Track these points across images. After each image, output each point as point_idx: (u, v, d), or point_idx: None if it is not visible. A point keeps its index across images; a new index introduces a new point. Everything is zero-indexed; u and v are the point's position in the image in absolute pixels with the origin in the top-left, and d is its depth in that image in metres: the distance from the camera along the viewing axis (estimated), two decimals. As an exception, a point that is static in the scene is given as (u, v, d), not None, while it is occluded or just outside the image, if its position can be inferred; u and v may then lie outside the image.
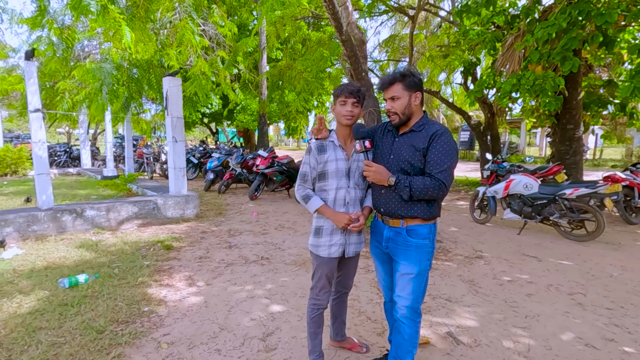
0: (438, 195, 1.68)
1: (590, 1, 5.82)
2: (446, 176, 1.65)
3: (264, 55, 12.22)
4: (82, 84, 8.37)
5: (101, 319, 2.62)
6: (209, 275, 3.58)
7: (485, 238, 5.08)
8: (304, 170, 1.95)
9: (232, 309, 2.88)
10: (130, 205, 5.40)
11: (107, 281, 3.28)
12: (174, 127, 5.96)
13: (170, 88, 5.86)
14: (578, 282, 3.49)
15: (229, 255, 4.20)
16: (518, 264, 4.03)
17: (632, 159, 17.02)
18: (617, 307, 2.97)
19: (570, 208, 4.88)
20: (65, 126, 27.54)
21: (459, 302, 3.03)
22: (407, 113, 1.75)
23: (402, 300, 1.79)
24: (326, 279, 2.00)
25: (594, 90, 8.31)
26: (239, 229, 5.37)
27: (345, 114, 1.86)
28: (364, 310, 2.87)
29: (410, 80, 1.73)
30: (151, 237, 4.83)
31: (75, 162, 14.02)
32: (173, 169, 6.10)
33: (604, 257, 4.26)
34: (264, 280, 3.45)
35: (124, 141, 10.01)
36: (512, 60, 6.94)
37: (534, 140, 33.76)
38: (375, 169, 1.73)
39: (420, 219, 1.76)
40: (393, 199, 1.78)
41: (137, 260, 3.86)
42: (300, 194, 1.95)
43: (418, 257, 1.76)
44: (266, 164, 7.63)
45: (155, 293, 3.13)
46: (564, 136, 7.37)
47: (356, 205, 1.95)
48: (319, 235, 1.96)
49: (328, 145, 1.92)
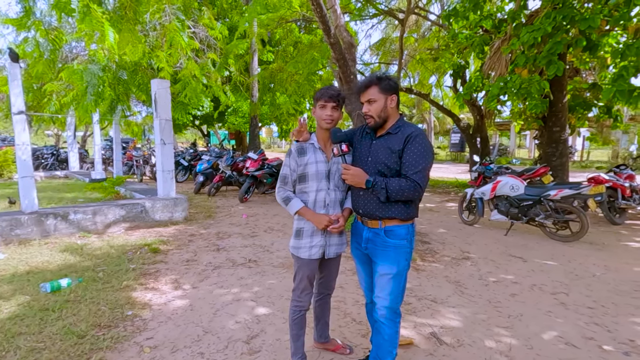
0: (414, 196, 1.70)
1: (574, 6, 5.95)
2: (421, 177, 1.67)
3: (255, 57, 12.21)
4: (70, 85, 8.28)
5: (83, 323, 2.58)
6: (196, 278, 3.56)
7: (473, 239, 5.13)
8: (284, 172, 1.95)
9: (218, 312, 2.87)
10: (117, 208, 5.34)
11: (90, 285, 3.24)
12: (162, 129, 5.92)
13: (159, 90, 5.82)
14: (562, 282, 3.54)
15: (217, 258, 4.17)
16: (504, 264, 4.07)
17: (617, 161, 17.35)
18: (599, 306, 3.02)
19: (555, 209, 4.96)
20: (54, 128, 27.20)
21: (444, 302, 3.06)
22: (383, 116, 1.77)
23: (381, 301, 1.80)
24: (307, 280, 2.00)
25: (579, 93, 8.47)
26: (228, 232, 5.34)
27: (325, 118, 1.88)
28: (350, 312, 2.88)
29: (386, 84, 1.75)
30: (138, 240, 4.78)
31: (63, 164, 13.82)
32: (161, 171, 6.05)
33: (588, 257, 4.33)
34: (251, 283, 3.44)
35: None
36: (499, 64, 7.03)
37: (524, 143, 34.26)
38: (353, 172, 1.75)
39: (398, 219, 1.78)
40: (371, 201, 1.79)
41: (123, 264, 3.81)
42: (280, 196, 1.96)
43: (396, 258, 1.78)
44: (256, 166, 7.62)
45: (140, 297, 3.10)
46: (550, 138, 7.49)
47: (336, 206, 1.96)
48: (300, 236, 1.97)
49: (308, 147, 1.93)
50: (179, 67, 7.64)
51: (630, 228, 5.85)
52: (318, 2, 4.55)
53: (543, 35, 5.94)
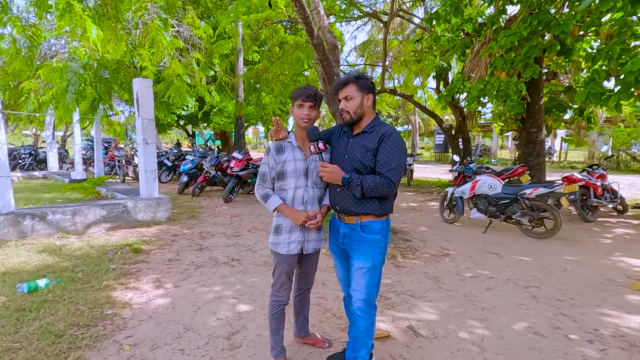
0: (387, 192, 1.77)
1: (548, 12, 6.18)
2: (394, 174, 1.75)
3: (241, 57, 12.17)
4: (49, 84, 8.09)
5: (61, 323, 2.56)
6: (178, 277, 3.55)
7: (453, 237, 5.27)
8: (263, 170, 2.00)
9: (199, 309, 2.88)
10: (98, 208, 5.26)
11: (69, 285, 3.20)
12: (144, 129, 5.86)
13: (141, 89, 5.76)
14: (535, 277, 3.69)
15: (199, 257, 4.17)
16: (481, 260, 4.21)
17: (594, 161, 18.00)
18: (567, 299, 3.17)
19: (531, 207, 5.14)
20: (32, 128, 26.39)
21: (422, 297, 3.15)
22: (359, 113, 1.84)
23: (357, 294, 1.87)
24: (286, 275, 2.05)
25: (555, 96, 8.78)
26: (212, 232, 5.33)
27: (303, 117, 1.93)
28: (330, 307, 2.93)
29: (363, 82, 1.83)
30: (120, 240, 4.73)
31: (42, 165, 13.45)
32: (144, 171, 5.99)
33: (561, 253, 4.51)
34: (233, 281, 3.46)
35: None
36: (479, 66, 7.24)
37: (506, 144, 35.10)
38: (330, 169, 1.81)
39: (373, 215, 1.84)
40: (347, 197, 1.86)
41: (103, 264, 3.77)
42: (259, 193, 2.00)
43: (371, 252, 1.85)
44: (241, 166, 7.61)
45: (120, 296, 3.08)
46: (527, 139, 7.74)
47: (314, 203, 2.01)
48: (279, 232, 2.01)
49: (286, 145, 1.98)
50: (163, 66, 7.56)
51: (602, 225, 6.11)
52: (301, 4, 4.60)
53: (520, 39, 6.16)
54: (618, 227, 6.02)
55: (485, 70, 7.17)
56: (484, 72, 7.21)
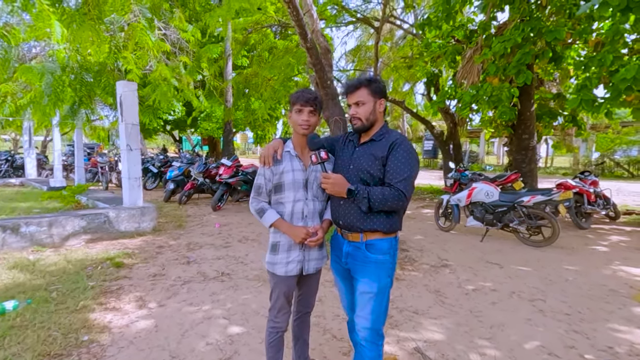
0: (398, 205, 1.59)
1: (540, 19, 6.19)
2: (406, 185, 1.57)
3: (230, 62, 11.95)
4: (29, 86, 7.70)
5: (29, 353, 2.28)
6: (163, 295, 3.29)
7: (450, 246, 5.13)
8: (259, 182, 1.80)
9: (186, 332, 2.63)
10: (77, 219, 4.94)
11: (41, 307, 2.90)
12: (128, 134, 5.57)
13: (125, 93, 5.48)
14: (538, 288, 3.57)
15: (187, 271, 3.91)
16: (482, 271, 4.07)
17: (579, 167, 18.33)
18: (575, 312, 3.04)
19: (528, 215, 5.06)
20: (11, 132, 25.46)
21: (426, 314, 2.97)
22: (371, 119, 1.67)
23: (362, 321, 1.67)
24: (285, 299, 1.84)
25: (545, 103, 8.84)
26: (199, 242, 5.07)
27: (301, 124, 1.74)
28: (330, 327, 2.73)
29: (376, 86, 1.66)
30: (100, 253, 4.42)
31: (19, 172, 12.86)
32: (127, 178, 5.69)
33: (560, 262, 4.42)
34: (224, 299, 3.22)
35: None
36: (471, 73, 7.20)
37: (492, 149, 35.64)
38: (334, 179, 1.61)
39: (380, 232, 1.66)
40: (352, 211, 1.67)
41: (81, 281, 3.48)
42: (254, 207, 1.80)
43: (377, 274, 1.66)
44: (230, 173, 7.35)
45: (99, 318, 2.81)
46: (519, 146, 7.73)
47: (315, 218, 1.82)
48: (276, 251, 1.81)
49: (284, 155, 1.79)
50: (149, 69, 7.29)
51: (596, 232, 6.08)
52: (295, 6, 4.45)
53: (512, 46, 6.14)
54: (612, 234, 6.00)
55: (478, 76, 7.14)
56: (476, 78, 7.18)
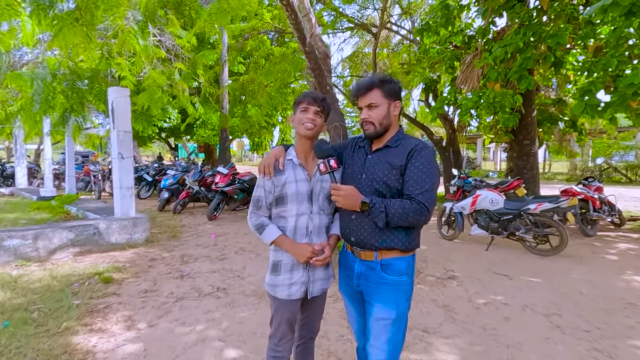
0: (419, 220, 1.42)
1: (541, 24, 6.11)
2: (428, 198, 1.40)
3: (226, 68, 11.81)
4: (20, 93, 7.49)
5: (1, 385, 2.06)
6: (154, 313, 3.07)
7: (454, 256, 4.95)
8: (258, 194, 1.61)
9: (178, 357, 2.41)
10: (64, 230, 4.70)
11: (19, 330, 2.67)
12: (120, 142, 5.37)
13: (117, 99, 5.30)
14: (552, 302, 3.38)
15: (180, 287, 3.69)
16: (490, 283, 3.88)
17: (576, 172, 18.29)
18: (594, 329, 2.86)
19: (535, 223, 4.89)
20: (5, 141, 25.12)
21: (437, 332, 2.77)
22: (385, 124, 1.50)
23: (377, 352, 1.47)
24: (287, 325, 1.64)
25: (545, 108, 8.75)
26: (194, 255, 4.84)
27: (306, 121, 1.57)
28: (334, 350, 2.52)
29: (390, 87, 1.49)
30: (88, 268, 4.19)
31: (9, 181, 12.54)
32: (119, 188, 5.47)
33: (570, 273, 4.24)
34: (219, 318, 3.00)
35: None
36: (471, 78, 7.10)
37: (488, 155, 35.72)
38: (345, 192, 1.43)
39: (398, 250, 1.48)
40: (365, 227, 1.49)
41: (65, 299, 3.24)
42: (253, 223, 1.61)
43: (395, 298, 1.47)
44: (226, 181, 7.15)
45: (83, 342, 2.58)
46: (521, 152, 7.62)
47: (321, 233, 1.63)
48: (277, 272, 1.62)
49: (286, 163, 1.60)
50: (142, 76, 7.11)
51: (602, 240, 5.93)
52: (293, 9, 4.31)
53: (513, 51, 6.05)
54: (619, 241, 5.85)
55: (478, 81, 7.04)
56: (476, 83, 7.08)
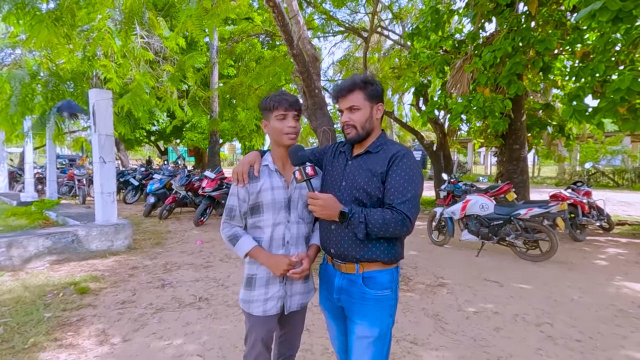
0: (401, 231, 1.32)
1: (530, 29, 6.13)
2: (410, 207, 1.30)
3: (215, 71, 11.68)
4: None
5: (-47, 410, 1.88)
6: (130, 327, 2.90)
7: (445, 262, 4.87)
8: (231, 203, 1.49)
9: (152, 375, 2.27)
10: (41, 238, 4.50)
11: (-19, 347, 2.50)
12: (101, 146, 5.19)
13: (98, 102, 5.13)
14: (543, 310, 3.31)
15: (160, 297, 3.52)
16: (481, 290, 3.80)
17: (565, 177, 18.49)
18: (586, 338, 2.79)
19: (525, 228, 4.85)
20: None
21: (426, 344, 2.67)
22: (368, 127, 1.40)
23: (361, 373, 1.36)
24: (262, 344, 1.52)
25: (533, 113, 8.81)
26: (178, 262, 4.68)
27: (288, 131, 1.46)
28: (318, 364, 2.40)
29: (372, 89, 1.39)
30: (64, 277, 4.00)
31: (-10, 185, 12.16)
32: (100, 193, 5.28)
33: (561, 279, 4.19)
34: (199, 330, 2.85)
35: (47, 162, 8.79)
36: (461, 82, 7.08)
37: (478, 159, 36.04)
38: (323, 201, 1.32)
39: (380, 262, 1.38)
40: (345, 238, 1.38)
41: (36, 312, 3.06)
42: (226, 234, 1.49)
43: (378, 315, 1.37)
44: (213, 186, 6.99)
45: (50, 359, 2.41)
46: (511, 156, 7.62)
47: (299, 244, 1.52)
48: (251, 286, 1.50)
49: (262, 170, 1.49)
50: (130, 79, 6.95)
51: (592, 244, 5.92)
52: (279, 10, 4.22)
53: (502, 56, 6.05)
54: (609, 246, 5.85)
55: (468, 86, 7.03)
56: (466, 88, 7.07)
